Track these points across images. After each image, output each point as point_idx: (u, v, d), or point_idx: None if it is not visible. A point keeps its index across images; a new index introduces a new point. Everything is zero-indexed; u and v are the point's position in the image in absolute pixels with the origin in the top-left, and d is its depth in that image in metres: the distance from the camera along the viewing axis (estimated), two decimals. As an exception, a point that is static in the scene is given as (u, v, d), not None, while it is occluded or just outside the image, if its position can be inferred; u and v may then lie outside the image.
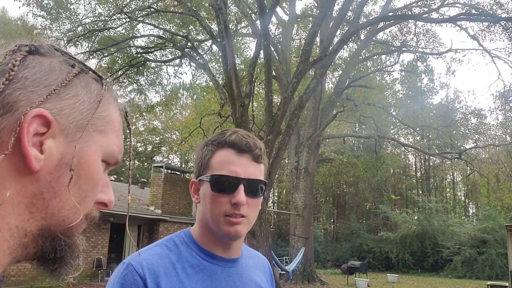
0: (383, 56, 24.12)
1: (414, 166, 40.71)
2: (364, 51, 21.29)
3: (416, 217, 27.15)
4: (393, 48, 21.56)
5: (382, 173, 26.40)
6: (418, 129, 24.51)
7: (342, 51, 22.82)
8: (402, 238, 26.01)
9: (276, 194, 40.64)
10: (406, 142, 31.59)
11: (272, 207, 37.89)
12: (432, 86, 26.07)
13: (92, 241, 15.76)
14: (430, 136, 33.92)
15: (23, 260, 0.54)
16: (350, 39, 17.25)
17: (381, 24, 19.04)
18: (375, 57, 23.50)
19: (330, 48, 13.99)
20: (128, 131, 0.67)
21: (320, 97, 18.39)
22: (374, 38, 20.83)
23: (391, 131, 26.82)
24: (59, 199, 0.53)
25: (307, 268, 17.03)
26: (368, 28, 18.50)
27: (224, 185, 1.06)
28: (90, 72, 0.60)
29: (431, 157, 34.29)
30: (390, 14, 15.48)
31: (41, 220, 0.52)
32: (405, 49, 21.23)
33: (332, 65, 19.28)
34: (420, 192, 36.98)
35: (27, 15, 15.73)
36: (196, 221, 1.15)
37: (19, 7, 20.96)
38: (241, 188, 1.06)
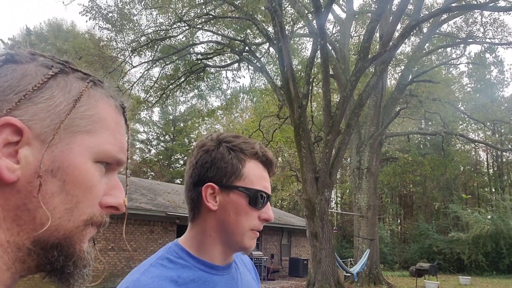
0: (448, 49, 23.08)
1: (485, 163, 38.51)
2: (427, 44, 20.50)
3: (489, 217, 25.61)
4: (459, 40, 20.57)
5: (451, 171, 25.19)
6: (488, 123, 23.20)
7: (404, 46, 22.14)
8: (475, 239, 24.65)
9: (339, 195, 40.06)
10: (476, 138, 30.00)
11: (334, 208, 37.42)
12: (502, 78, 24.60)
13: (159, 243, 16.33)
14: (503, 130, 32.02)
15: (28, 274, 0.52)
16: (412, 33, 16.67)
17: (445, 15, 18.23)
18: (439, 50, 22.55)
19: (390, 44, 13.60)
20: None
21: (381, 94, 17.92)
22: (437, 31, 20.00)
23: (460, 127, 25.59)
24: (46, 207, 0.50)
25: (373, 270, 16.62)
26: (430, 20, 17.80)
27: (259, 200, 1.05)
28: (76, 72, 0.57)
29: (504, 153, 32.32)
30: (454, 4, 14.76)
31: (32, 232, 0.50)
32: (471, 40, 20.18)
33: (393, 60, 18.74)
34: (493, 190, 34.92)
35: (93, 28, 16.61)
36: (198, 230, 1.07)
37: (86, 21, 22.06)
38: (269, 204, 1.09)
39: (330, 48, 17.38)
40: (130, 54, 16.48)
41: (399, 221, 38.44)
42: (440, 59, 23.63)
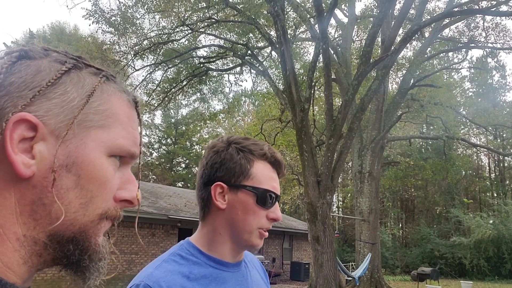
0: (450, 53, 23.08)
1: (487, 168, 38.48)
2: (429, 49, 20.52)
3: (491, 221, 25.61)
4: (461, 45, 20.58)
5: (452, 176, 25.24)
6: (490, 128, 23.26)
7: (406, 50, 22.18)
8: (476, 243, 24.64)
9: (340, 198, 40.03)
10: (478, 143, 30.00)
11: (336, 212, 37.37)
12: (504, 83, 24.69)
13: (161, 246, 16.35)
14: (504, 135, 32.04)
15: (44, 267, 0.53)
16: (413, 38, 16.69)
17: (446, 20, 18.26)
18: (441, 54, 22.54)
19: (392, 48, 13.63)
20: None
21: (383, 99, 17.91)
22: (439, 35, 19.99)
23: (461, 131, 25.60)
24: (61, 202, 0.51)
25: (375, 274, 16.60)
26: (432, 25, 17.83)
27: (267, 200, 1.08)
28: (89, 67, 0.58)
29: (506, 157, 32.30)
30: (456, 9, 14.80)
31: (48, 226, 0.51)
32: (473, 45, 20.18)
33: (395, 65, 18.77)
34: (495, 195, 34.89)
35: (96, 32, 16.65)
36: (209, 229, 1.11)
37: (89, 25, 22.03)
38: (277, 204, 1.11)
39: (332, 52, 17.41)
40: (133, 58, 16.53)
41: (400, 225, 38.36)
42: (442, 64, 23.65)
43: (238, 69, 19.07)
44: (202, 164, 1.13)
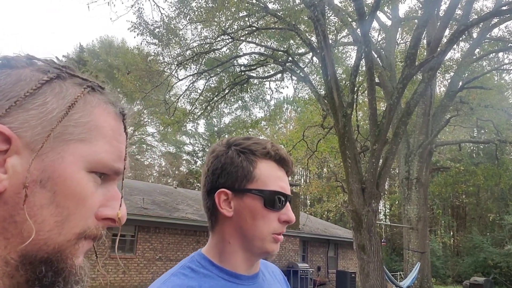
0: (500, 54, 22.15)
1: (544, 172, 36.57)
2: (477, 49, 19.77)
3: (549, 229, 24.29)
4: (511, 45, 19.71)
5: (505, 181, 24.07)
6: (546, 131, 22.07)
7: (453, 52, 21.50)
8: (533, 252, 23.43)
9: (387, 206, 39.10)
10: (533, 146, 28.57)
11: (383, 219, 36.52)
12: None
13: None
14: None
15: None
16: (461, 38, 16.12)
17: (495, 19, 17.53)
18: (490, 55, 21.67)
19: (438, 50, 13.19)
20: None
21: (430, 102, 17.40)
22: (488, 35, 19.23)
23: (515, 135, 24.46)
24: (34, 220, 0.47)
25: (424, 284, 16.05)
26: (480, 25, 17.17)
27: (275, 202, 1.01)
28: (74, 77, 0.55)
29: None
30: (504, 8, 14.15)
31: (19, 245, 0.47)
32: (524, 44, 19.29)
33: (442, 67, 18.21)
34: (553, 201, 33.04)
35: (141, 43, 17.13)
36: (218, 239, 1.06)
37: (134, 37, 22.75)
38: (288, 205, 1.04)
39: (376, 55, 17.09)
40: (176, 68, 16.87)
41: (451, 233, 37.07)
42: (492, 65, 22.72)
43: (279, 76, 19.09)
44: (204, 171, 1.08)
